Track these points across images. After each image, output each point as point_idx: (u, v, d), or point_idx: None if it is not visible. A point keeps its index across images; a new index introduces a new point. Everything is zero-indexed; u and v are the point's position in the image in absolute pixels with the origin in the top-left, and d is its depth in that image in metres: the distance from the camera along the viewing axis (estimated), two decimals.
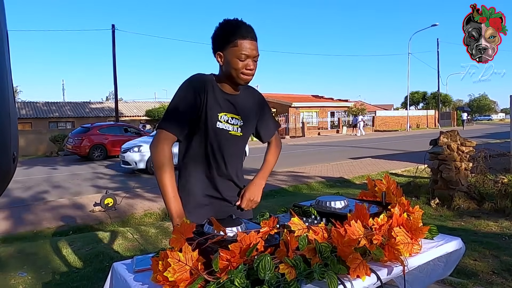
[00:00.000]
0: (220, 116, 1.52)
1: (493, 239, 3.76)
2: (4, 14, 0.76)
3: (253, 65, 1.49)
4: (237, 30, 1.45)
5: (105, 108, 31.01)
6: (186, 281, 0.98)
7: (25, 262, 3.58)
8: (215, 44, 1.51)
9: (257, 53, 1.49)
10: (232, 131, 1.56)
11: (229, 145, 1.56)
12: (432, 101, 43.76)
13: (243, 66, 1.46)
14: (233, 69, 1.47)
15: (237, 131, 1.57)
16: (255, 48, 1.48)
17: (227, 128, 1.54)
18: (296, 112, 28.95)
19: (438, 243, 1.40)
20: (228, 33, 1.46)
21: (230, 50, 1.46)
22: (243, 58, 1.45)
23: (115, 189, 7.65)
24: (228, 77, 1.51)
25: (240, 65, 1.46)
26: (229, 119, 1.55)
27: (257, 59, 1.52)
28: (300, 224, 1.19)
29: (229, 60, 1.47)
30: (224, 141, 1.54)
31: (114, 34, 21.10)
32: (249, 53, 1.46)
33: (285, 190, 7.12)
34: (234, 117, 1.57)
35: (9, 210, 5.97)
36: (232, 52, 1.46)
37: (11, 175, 0.79)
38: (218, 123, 1.52)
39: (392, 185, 1.56)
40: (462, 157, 5.41)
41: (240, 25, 1.47)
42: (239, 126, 1.58)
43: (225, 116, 1.54)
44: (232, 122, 1.56)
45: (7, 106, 0.73)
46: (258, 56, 1.51)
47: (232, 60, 1.46)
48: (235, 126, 1.57)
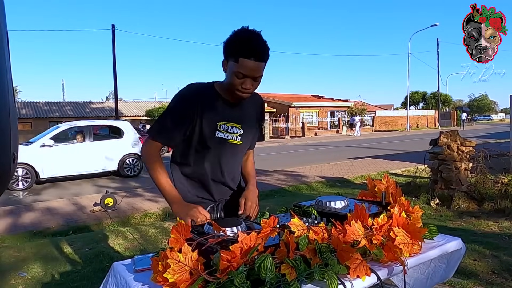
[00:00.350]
0: (220, 126, 1.51)
1: (493, 239, 3.76)
2: (4, 14, 0.76)
3: (250, 85, 1.43)
4: (243, 47, 1.38)
5: (105, 108, 31.03)
6: (186, 282, 0.98)
7: (25, 262, 3.58)
8: (223, 50, 1.46)
9: (258, 74, 1.42)
10: (231, 140, 1.55)
11: (227, 153, 1.56)
12: (432, 101, 43.76)
13: (239, 83, 1.42)
14: (230, 83, 1.44)
15: (236, 140, 1.56)
16: (257, 69, 1.40)
17: (226, 137, 1.53)
18: (296, 112, 28.94)
19: (438, 243, 1.40)
20: (234, 47, 1.40)
21: (231, 64, 1.41)
22: (240, 76, 1.40)
23: (115, 189, 7.66)
24: (227, 87, 1.49)
25: (237, 82, 1.41)
26: (229, 128, 1.54)
27: (259, 80, 1.45)
28: (300, 224, 1.19)
29: (229, 73, 1.44)
30: (223, 149, 1.54)
31: (114, 34, 21.12)
32: (248, 73, 1.39)
33: (285, 190, 7.12)
34: (234, 125, 1.55)
35: (9, 210, 5.97)
36: (232, 66, 1.41)
37: (11, 175, 0.79)
38: (217, 132, 1.51)
39: (391, 185, 1.56)
40: (462, 157, 5.41)
41: (249, 42, 1.38)
42: (239, 134, 1.57)
43: (225, 126, 1.52)
44: (232, 131, 1.54)
45: (7, 106, 0.73)
46: (260, 76, 1.44)
47: (231, 75, 1.42)
48: (235, 134, 1.55)
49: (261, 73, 1.43)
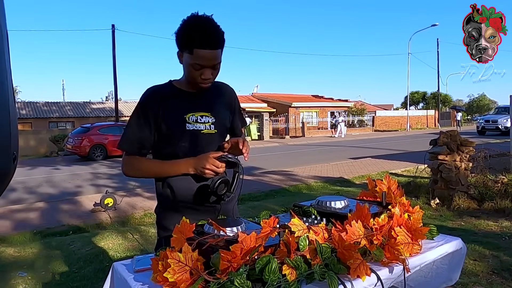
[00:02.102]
0: (188, 117, 1.46)
1: (493, 239, 3.76)
2: (4, 14, 0.75)
3: (210, 74, 1.38)
4: (194, 37, 1.31)
5: (105, 108, 31.04)
6: (187, 281, 0.98)
7: (25, 262, 3.59)
8: (176, 41, 1.39)
9: (216, 61, 1.37)
10: (205, 130, 1.48)
11: (203, 144, 1.49)
12: (432, 101, 43.76)
13: (197, 75, 1.37)
14: (189, 75, 1.40)
15: (210, 129, 1.49)
16: (214, 58, 1.35)
17: (199, 128, 1.47)
18: (296, 112, 28.94)
19: (438, 243, 1.40)
20: (186, 37, 1.33)
21: (186, 56, 1.36)
22: (198, 68, 1.35)
23: (115, 189, 7.66)
24: (187, 80, 1.45)
25: (195, 74, 1.37)
26: (198, 118, 1.47)
27: (218, 66, 1.40)
28: (300, 225, 1.19)
29: (185, 65, 1.39)
30: (198, 141, 1.48)
31: (114, 34, 21.13)
32: (205, 63, 1.34)
33: (285, 190, 7.12)
34: (204, 114, 1.49)
35: (9, 210, 5.97)
36: (187, 58, 1.35)
37: (11, 175, 0.79)
38: (187, 125, 1.45)
39: (393, 185, 1.56)
40: (462, 157, 5.41)
41: (200, 31, 1.31)
42: (211, 123, 1.50)
43: (193, 117, 1.46)
44: (203, 121, 1.48)
45: (7, 106, 0.73)
46: (218, 63, 1.39)
47: (187, 67, 1.38)
48: (207, 124, 1.49)
49: (218, 60, 1.37)
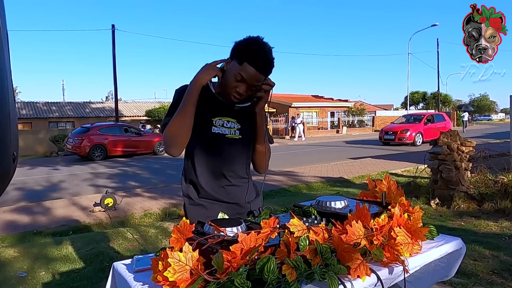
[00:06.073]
0: (215, 121, 1.52)
1: (493, 239, 3.76)
2: (4, 14, 0.75)
3: (243, 90, 1.43)
4: (251, 54, 1.39)
5: (105, 108, 31.03)
6: (187, 281, 0.98)
7: (25, 262, 3.59)
8: (232, 49, 1.46)
9: (255, 83, 1.42)
10: (229, 135, 1.54)
11: (226, 148, 1.55)
12: (432, 101, 43.73)
13: (234, 86, 1.42)
14: (226, 82, 1.44)
15: (234, 134, 1.55)
16: (256, 78, 1.41)
17: (223, 132, 1.53)
18: (296, 112, 28.94)
19: (438, 243, 1.40)
20: (244, 50, 1.41)
21: (234, 64, 1.42)
22: (238, 78, 1.40)
23: (115, 189, 7.66)
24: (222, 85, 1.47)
25: (232, 83, 1.42)
26: (225, 123, 1.54)
27: (254, 89, 1.44)
28: (299, 225, 1.19)
29: (228, 72, 1.43)
30: (222, 144, 1.54)
31: (114, 34, 21.10)
32: (247, 78, 1.40)
33: (285, 190, 7.12)
34: (230, 120, 1.55)
35: (9, 210, 5.97)
36: (234, 67, 1.41)
37: (11, 175, 0.79)
38: (214, 128, 1.52)
39: (392, 186, 1.56)
40: (462, 157, 5.41)
41: (258, 52, 1.40)
42: (237, 129, 1.56)
43: (220, 121, 1.53)
44: (229, 126, 1.54)
45: (7, 106, 0.73)
46: (255, 86, 1.43)
47: (230, 75, 1.42)
48: (232, 129, 1.55)
49: (258, 83, 1.43)
